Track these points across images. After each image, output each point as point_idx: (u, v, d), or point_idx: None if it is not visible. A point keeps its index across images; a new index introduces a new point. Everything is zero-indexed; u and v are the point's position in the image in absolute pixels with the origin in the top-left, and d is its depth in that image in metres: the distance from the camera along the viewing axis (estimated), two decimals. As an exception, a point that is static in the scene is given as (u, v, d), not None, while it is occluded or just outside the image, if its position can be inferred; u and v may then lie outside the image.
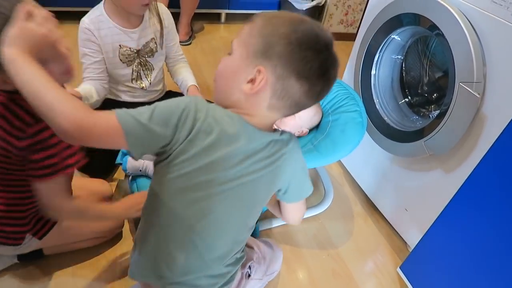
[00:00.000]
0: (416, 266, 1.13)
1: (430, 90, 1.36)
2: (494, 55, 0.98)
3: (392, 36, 1.31)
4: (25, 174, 0.84)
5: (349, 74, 1.55)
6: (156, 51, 1.44)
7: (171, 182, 0.70)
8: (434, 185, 1.21)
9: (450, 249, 0.99)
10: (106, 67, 1.37)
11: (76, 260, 1.16)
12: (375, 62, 1.37)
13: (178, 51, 1.54)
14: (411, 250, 1.15)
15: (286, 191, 0.82)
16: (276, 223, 1.37)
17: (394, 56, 1.38)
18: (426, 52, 1.35)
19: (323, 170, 1.60)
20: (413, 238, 1.32)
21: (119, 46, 1.34)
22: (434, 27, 1.09)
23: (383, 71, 1.39)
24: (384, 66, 1.38)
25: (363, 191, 1.59)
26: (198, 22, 2.73)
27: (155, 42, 1.42)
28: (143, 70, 1.44)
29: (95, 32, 1.29)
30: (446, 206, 0.97)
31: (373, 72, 1.39)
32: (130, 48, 1.37)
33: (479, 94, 1.00)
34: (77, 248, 1.16)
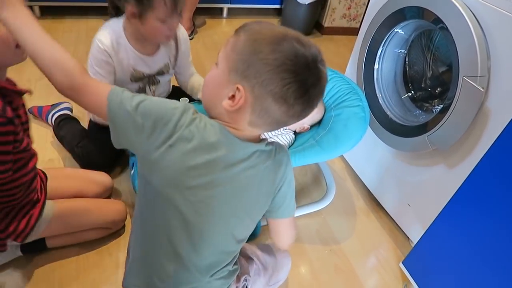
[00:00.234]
0: (419, 261, 1.13)
1: (433, 85, 1.35)
2: (498, 49, 0.97)
3: (396, 30, 1.29)
4: None
5: (352, 69, 1.54)
6: (168, 72, 1.41)
7: (151, 188, 0.70)
8: (437, 180, 1.20)
9: (453, 244, 0.99)
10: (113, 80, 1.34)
11: (80, 252, 1.18)
12: (378, 56, 1.36)
13: (190, 69, 1.50)
14: (413, 245, 1.15)
15: (275, 205, 0.81)
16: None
17: (397, 50, 1.37)
18: (429, 46, 1.34)
19: (325, 165, 1.60)
20: (415, 233, 1.31)
21: (133, 69, 1.31)
22: (438, 21, 1.08)
23: (386, 65, 1.38)
24: (387, 60, 1.37)
25: (365, 186, 1.58)
26: (200, 17, 2.72)
27: (169, 65, 1.40)
28: (149, 85, 1.41)
29: (113, 56, 1.25)
30: (449, 201, 0.97)
31: (376, 66, 1.38)
32: (144, 73, 1.34)
33: (483, 88, 0.99)
34: (80, 241, 1.17)
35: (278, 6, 2.94)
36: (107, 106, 0.66)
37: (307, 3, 2.60)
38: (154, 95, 1.45)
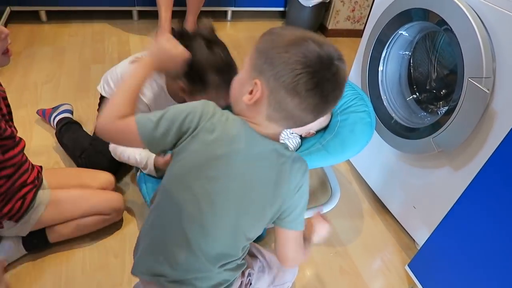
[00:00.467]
0: (425, 264, 1.13)
1: (438, 86, 1.35)
2: (503, 50, 0.96)
3: (400, 32, 1.29)
4: None
5: (356, 71, 1.54)
6: None
7: (172, 175, 0.74)
8: (442, 182, 1.20)
9: (459, 246, 0.98)
10: None
11: (83, 245, 1.20)
12: (382, 58, 1.36)
13: None
14: (419, 248, 1.14)
15: (284, 213, 0.80)
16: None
17: (402, 52, 1.37)
18: (434, 48, 1.33)
19: (330, 169, 1.59)
20: (421, 236, 1.31)
21: None
22: (442, 22, 1.08)
23: (391, 67, 1.38)
24: (391, 62, 1.37)
25: (370, 188, 1.58)
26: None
27: None
28: None
29: (152, 107, 1.27)
30: (455, 204, 0.96)
31: (380, 68, 1.38)
32: None
33: (488, 90, 0.98)
34: (81, 233, 1.20)
35: (282, 9, 2.95)
36: (138, 130, 0.72)
37: (311, 5, 2.60)
38: None
